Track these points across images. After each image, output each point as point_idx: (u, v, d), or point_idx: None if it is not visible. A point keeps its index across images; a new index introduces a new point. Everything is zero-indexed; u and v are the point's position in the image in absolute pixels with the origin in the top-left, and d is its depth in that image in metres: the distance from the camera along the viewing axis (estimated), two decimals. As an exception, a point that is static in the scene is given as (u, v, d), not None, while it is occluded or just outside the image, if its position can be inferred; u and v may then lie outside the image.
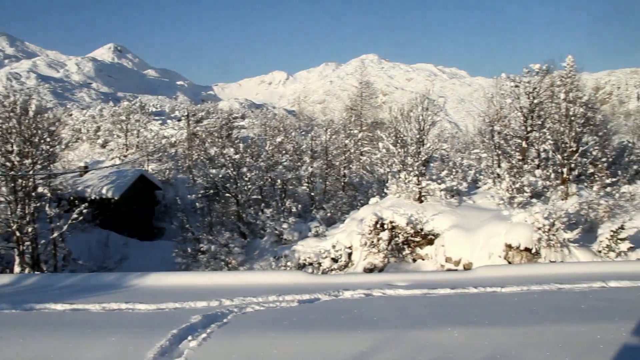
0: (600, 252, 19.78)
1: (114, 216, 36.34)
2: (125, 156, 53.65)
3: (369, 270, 21.91)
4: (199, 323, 8.80)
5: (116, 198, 37.22)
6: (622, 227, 19.92)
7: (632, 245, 19.64)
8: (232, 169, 28.98)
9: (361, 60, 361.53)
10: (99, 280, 13.12)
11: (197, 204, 30.27)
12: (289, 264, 23.61)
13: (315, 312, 9.75)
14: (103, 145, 61.05)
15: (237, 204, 29.21)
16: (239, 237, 26.54)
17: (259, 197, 30.25)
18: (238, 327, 8.75)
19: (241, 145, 32.59)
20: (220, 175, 28.86)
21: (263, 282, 12.57)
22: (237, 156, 29.48)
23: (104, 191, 37.33)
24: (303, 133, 58.92)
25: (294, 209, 28.49)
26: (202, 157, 40.36)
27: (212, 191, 30.14)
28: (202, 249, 25.00)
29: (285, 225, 26.37)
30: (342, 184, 36.48)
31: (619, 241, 19.53)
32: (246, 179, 29.01)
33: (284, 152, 36.50)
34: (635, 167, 33.03)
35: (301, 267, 23.36)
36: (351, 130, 42.46)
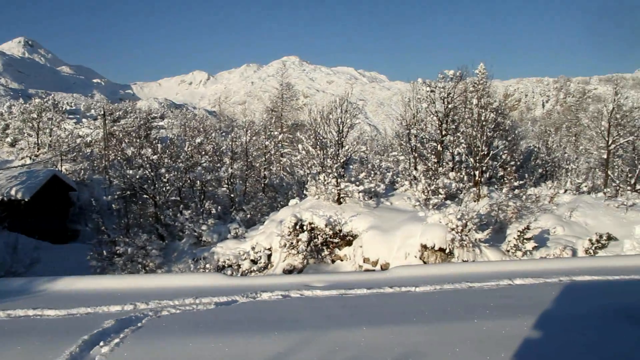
0: (508, 251, 20.79)
1: (24, 218, 34.69)
2: (36, 156, 51.32)
3: (288, 271, 22.01)
4: (111, 328, 8.56)
5: (26, 199, 35.53)
6: (528, 228, 21.05)
7: (536, 245, 20.79)
8: (150, 170, 28.34)
9: (282, 62, 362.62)
10: (4, 285, 12.48)
11: (113, 205, 29.35)
12: (208, 266, 23.35)
13: (232, 314, 9.71)
14: (12, 144, 58.01)
15: (155, 206, 28.60)
16: (156, 239, 25.99)
17: (178, 198, 29.73)
18: (153, 331, 8.58)
19: (159, 145, 31.88)
20: (138, 176, 28.15)
21: (180, 285, 12.37)
22: (155, 157, 28.87)
23: (12, 192, 35.55)
24: (223, 134, 58.47)
25: (213, 211, 28.19)
26: (119, 158, 39.21)
27: (129, 192, 29.38)
28: (118, 251, 24.30)
29: (204, 227, 26.06)
30: (262, 185, 36.44)
31: (525, 241, 20.62)
32: (164, 180, 28.46)
33: (203, 153, 36.04)
34: (540, 170, 34.92)
35: (220, 269, 23.15)
36: (272, 131, 42.40)
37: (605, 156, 32.59)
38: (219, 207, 29.48)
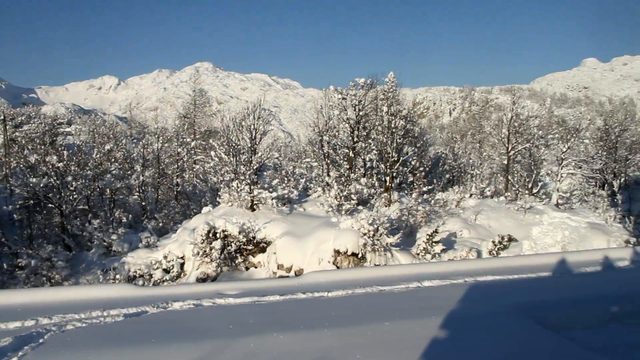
0: (418, 254, 21.47)
1: None
2: None
3: (202, 280, 21.74)
4: (9, 346, 8.11)
5: None
6: (436, 231, 21.84)
7: (444, 247, 21.62)
8: (55, 178, 27.21)
9: (196, 68, 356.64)
10: None
11: (15, 215, 27.94)
12: (118, 276, 22.68)
13: (142, 325, 9.50)
14: None
15: (61, 215, 27.46)
16: (63, 250, 24.95)
17: (86, 207, 28.71)
18: (55, 347, 8.23)
19: (66, 152, 30.63)
20: (42, 185, 26.94)
21: (87, 297, 11.95)
22: (61, 164, 27.74)
23: None
24: (134, 141, 56.88)
25: (124, 219, 27.45)
26: (21, 165, 37.28)
27: (32, 201, 28.03)
28: (20, 264, 23.14)
29: (114, 237, 25.31)
30: (175, 193, 35.81)
31: (434, 244, 21.39)
32: (71, 188, 27.42)
33: (113, 160, 34.99)
34: (447, 175, 36.30)
35: (131, 279, 22.55)
36: (184, 138, 41.79)
37: (505, 162, 34.34)
38: (130, 216, 28.75)
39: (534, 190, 32.75)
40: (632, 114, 64.59)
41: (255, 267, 23.20)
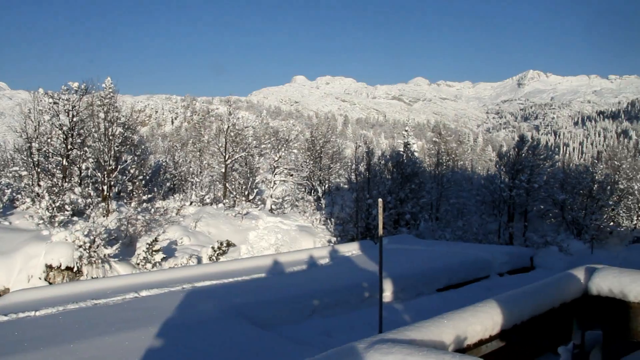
0: (138, 264, 21.22)
1: None
2: None
3: None
4: None
5: None
6: (156, 240, 21.87)
7: (165, 256, 21.74)
8: None
9: None
10: None
11: None
12: None
13: None
14: None
15: None
16: None
17: None
18: None
19: None
20: None
21: None
22: None
23: None
24: None
25: None
26: None
27: None
28: None
29: None
30: None
31: (154, 253, 21.35)
32: None
33: None
34: (168, 184, 36.40)
35: None
36: None
37: (224, 170, 35.74)
38: None
39: (251, 197, 34.70)
40: (334, 128, 72.37)
41: (-53, 292, 20.50)
